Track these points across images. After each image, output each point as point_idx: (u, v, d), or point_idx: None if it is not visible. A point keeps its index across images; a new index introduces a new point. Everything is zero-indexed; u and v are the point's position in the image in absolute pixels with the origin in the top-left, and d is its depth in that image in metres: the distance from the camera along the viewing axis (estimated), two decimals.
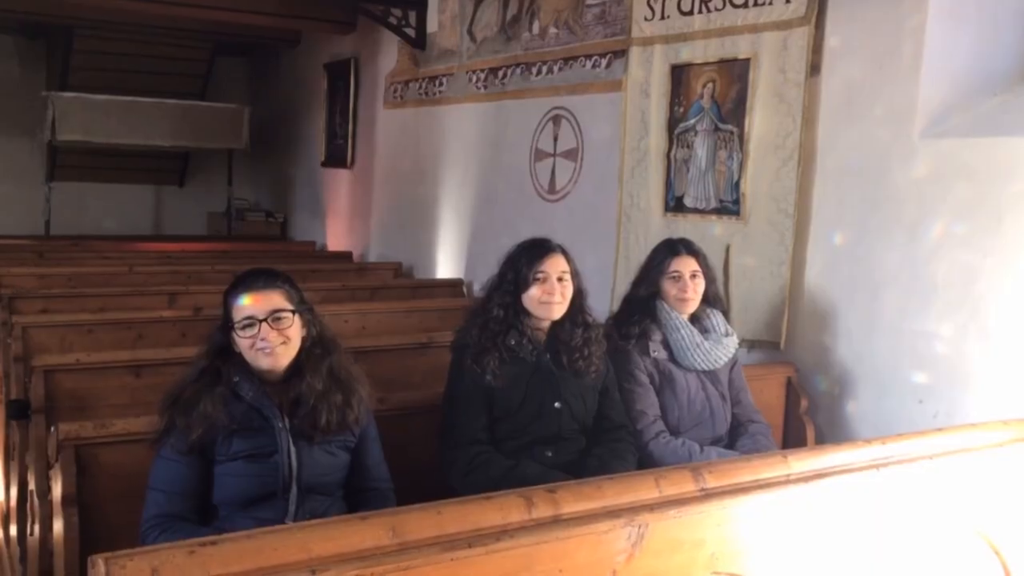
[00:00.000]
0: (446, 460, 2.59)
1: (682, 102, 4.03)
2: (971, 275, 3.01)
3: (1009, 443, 2.62)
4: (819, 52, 3.51)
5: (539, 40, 5.21)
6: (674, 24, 4.06)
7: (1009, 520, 2.62)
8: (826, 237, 3.52)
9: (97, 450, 2.34)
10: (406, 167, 6.80)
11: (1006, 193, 2.92)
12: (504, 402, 2.60)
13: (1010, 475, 2.62)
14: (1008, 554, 2.61)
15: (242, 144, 8.86)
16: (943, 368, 3.08)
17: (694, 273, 2.99)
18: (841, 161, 3.47)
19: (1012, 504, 2.63)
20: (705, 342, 2.96)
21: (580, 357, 2.65)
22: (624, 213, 4.32)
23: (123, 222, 9.50)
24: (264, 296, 2.25)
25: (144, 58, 8.87)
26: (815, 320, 3.55)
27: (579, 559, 1.84)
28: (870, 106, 3.36)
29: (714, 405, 2.97)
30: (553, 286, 2.61)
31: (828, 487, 2.20)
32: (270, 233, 9.39)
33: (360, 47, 7.58)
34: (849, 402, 3.42)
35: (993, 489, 2.57)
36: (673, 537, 1.97)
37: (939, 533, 2.44)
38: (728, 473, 2.10)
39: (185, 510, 2.18)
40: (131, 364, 3.29)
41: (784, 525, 2.13)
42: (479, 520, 1.76)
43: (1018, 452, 2.64)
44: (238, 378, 2.25)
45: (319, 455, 2.28)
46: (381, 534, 1.66)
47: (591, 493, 1.91)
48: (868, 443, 2.37)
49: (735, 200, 3.80)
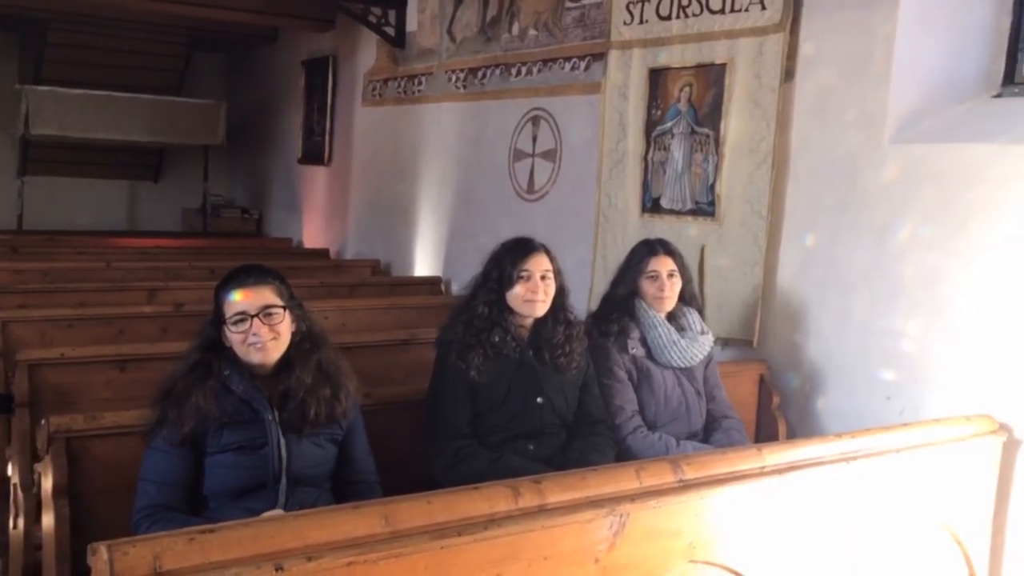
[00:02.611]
0: (431, 453, 2.65)
1: (659, 105, 4.11)
2: (937, 276, 3.09)
3: (971, 438, 2.74)
4: (793, 58, 3.59)
5: (519, 41, 5.27)
6: (652, 29, 4.14)
7: (970, 511, 2.73)
8: (798, 238, 3.60)
9: (88, 442, 2.37)
10: (384, 165, 6.83)
11: (970, 198, 3.00)
12: (488, 397, 2.66)
13: (972, 468, 2.74)
14: (969, 544, 2.73)
15: (219, 140, 8.84)
16: (909, 365, 3.17)
17: (671, 272, 3.07)
18: (813, 165, 3.55)
19: (973, 496, 2.74)
20: (681, 340, 3.04)
21: (562, 354, 2.73)
22: (602, 213, 4.40)
23: (97, 217, 9.43)
24: (255, 292, 2.30)
25: (119, 52, 8.82)
26: (787, 319, 3.64)
27: (563, 547, 1.92)
28: (842, 111, 3.44)
29: (690, 401, 3.05)
30: (537, 284, 2.69)
31: (800, 479, 2.29)
32: (246, 229, 9.36)
33: (339, 44, 7.60)
34: (819, 398, 3.51)
35: (956, 482, 2.68)
36: (653, 527, 2.05)
37: (905, 524, 2.55)
38: (705, 465, 2.19)
39: (176, 501, 2.22)
40: (116, 359, 3.31)
41: (758, 515, 2.22)
42: (468, 509, 1.83)
43: (980, 446, 2.76)
44: (229, 372, 2.30)
45: (308, 447, 2.33)
46: (374, 522, 1.73)
47: (575, 484, 1.99)
48: (838, 437, 2.47)
49: (710, 202, 3.89)
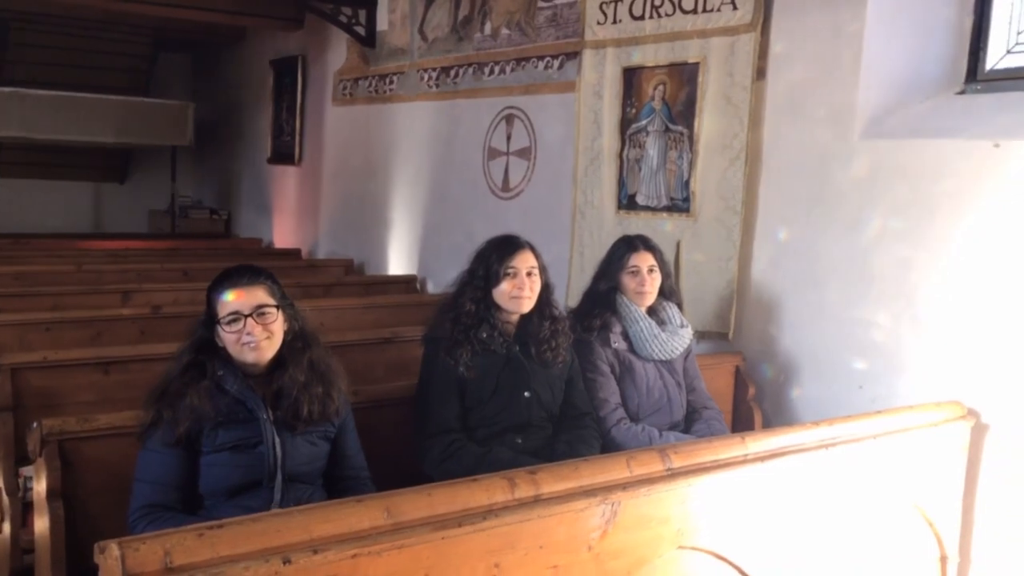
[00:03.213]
0: (421, 449, 2.69)
1: (634, 104, 4.18)
2: (906, 267, 3.19)
3: (942, 423, 2.84)
4: (764, 57, 3.67)
5: (491, 40, 5.32)
6: (626, 28, 4.21)
7: (941, 493, 2.84)
8: (771, 233, 3.69)
9: (80, 444, 2.38)
10: (356, 164, 6.84)
11: (937, 191, 3.10)
12: (476, 392, 2.71)
13: (942, 452, 2.84)
14: (940, 524, 2.83)
15: (187, 141, 8.78)
16: (880, 355, 3.27)
17: (651, 268, 3.14)
18: (785, 161, 3.63)
19: (943, 479, 2.85)
20: (662, 333, 3.11)
21: (548, 348, 2.78)
22: (578, 211, 4.46)
23: (63, 220, 9.34)
24: (248, 292, 2.32)
25: (84, 53, 8.74)
26: (761, 311, 3.72)
27: (558, 536, 1.98)
28: (812, 109, 3.52)
29: (671, 393, 3.13)
30: (523, 281, 2.74)
31: (782, 466, 2.37)
32: (214, 230, 9.31)
33: (308, 44, 7.58)
34: (794, 388, 3.60)
35: (927, 465, 2.79)
36: (643, 514, 2.11)
37: (880, 506, 2.64)
38: (692, 454, 2.26)
39: (172, 500, 2.24)
40: (99, 361, 3.32)
41: (742, 501, 2.29)
42: (467, 501, 1.88)
43: (950, 431, 2.87)
44: (222, 372, 2.32)
45: (302, 445, 2.36)
46: (377, 515, 1.77)
47: (568, 474, 2.04)
48: (817, 425, 2.56)
49: (685, 198, 3.96)
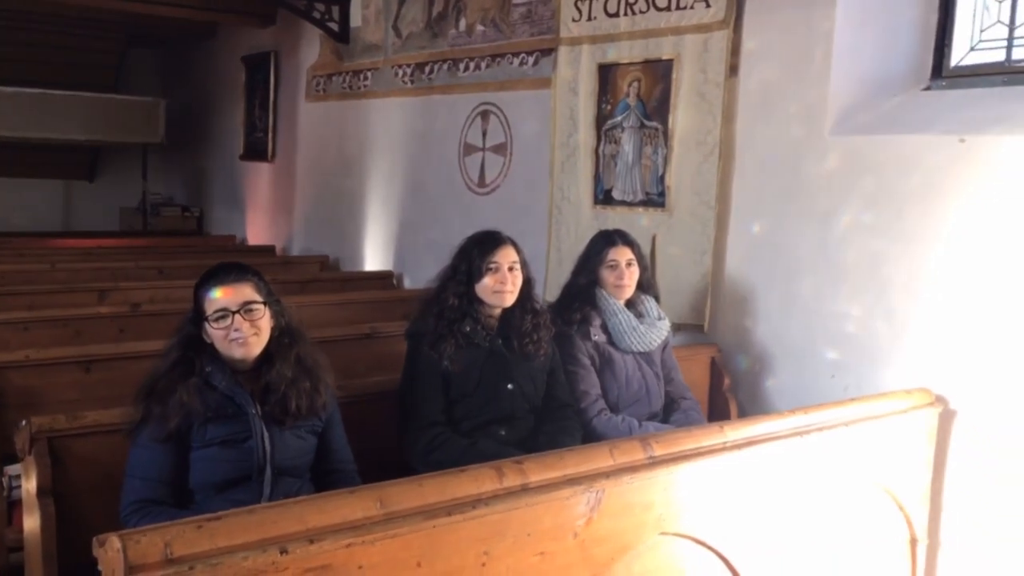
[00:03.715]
0: (406, 441, 2.74)
1: (609, 100, 4.25)
2: (877, 260, 3.28)
3: (911, 410, 2.94)
4: (737, 54, 3.75)
5: (466, 37, 5.35)
6: (601, 25, 4.26)
7: (910, 478, 2.94)
8: (745, 227, 3.77)
9: (69, 442, 2.40)
10: (330, 160, 6.85)
11: (906, 185, 3.19)
12: (460, 385, 2.76)
13: (911, 438, 2.94)
14: (909, 507, 2.93)
15: (158, 138, 8.74)
16: (852, 345, 3.36)
17: (629, 262, 3.21)
18: (758, 156, 3.71)
19: (913, 463, 2.95)
20: (640, 326, 3.18)
21: (530, 341, 2.84)
22: (555, 206, 4.52)
23: (30, 218, 9.24)
24: (235, 289, 2.35)
25: (53, 49, 8.65)
26: (736, 304, 3.80)
27: (545, 524, 2.04)
28: (784, 105, 3.60)
29: (650, 384, 3.19)
30: (505, 276, 2.79)
31: (759, 453, 2.45)
32: (186, 228, 9.28)
33: (280, 40, 7.57)
34: (768, 379, 3.68)
35: (897, 450, 2.88)
36: (626, 502, 2.17)
37: (852, 490, 2.73)
38: (672, 442, 2.33)
39: (162, 495, 2.27)
40: (80, 359, 3.32)
41: (722, 487, 2.36)
42: (456, 491, 1.93)
43: (918, 417, 2.96)
44: (210, 368, 2.35)
45: (290, 439, 2.40)
46: (370, 505, 1.82)
47: (554, 464, 2.10)
48: (792, 413, 2.64)
49: (660, 193, 4.03)
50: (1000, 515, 2.92)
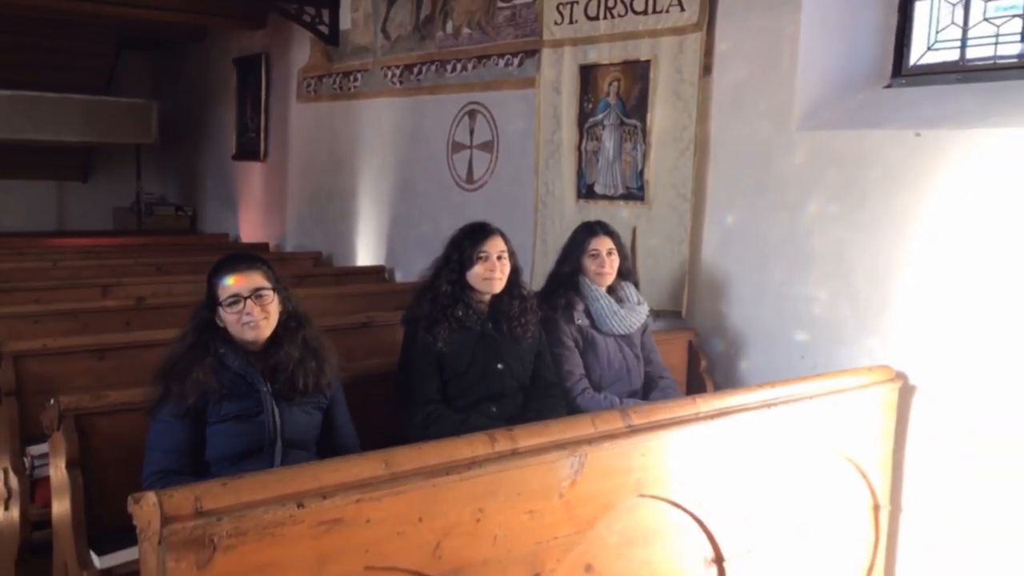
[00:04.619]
0: (404, 418, 2.94)
1: (591, 99, 4.46)
2: (841, 247, 3.49)
3: (872, 385, 3.15)
4: (710, 55, 3.95)
5: (453, 39, 5.55)
6: (582, 28, 4.48)
7: (873, 449, 3.15)
8: (719, 218, 3.97)
9: (94, 419, 2.59)
10: (322, 159, 7.02)
11: (869, 178, 3.39)
12: (454, 365, 2.97)
13: (874, 411, 3.15)
14: (872, 475, 3.15)
15: (151, 139, 8.88)
16: (820, 327, 3.57)
17: (610, 251, 3.42)
18: (731, 151, 3.91)
19: (875, 436, 3.16)
20: (621, 310, 3.39)
21: (518, 324, 3.05)
22: (540, 200, 4.73)
23: (25, 219, 9.37)
24: (247, 276, 2.55)
25: (46, 52, 8.76)
26: (711, 290, 4.01)
27: (533, 484, 2.24)
28: (755, 103, 3.81)
29: (630, 364, 3.41)
30: (494, 264, 3.00)
31: (730, 423, 2.66)
32: (179, 227, 9.42)
33: (271, 43, 7.73)
34: (742, 360, 3.89)
35: (860, 423, 3.09)
36: (607, 466, 2.38)
37: (819, 460, 2.95)
38: (650, 413, 2.54)
39: (181, 466, 2.46)
40: (94, 348, 3.51)
41: (695, 454, 2.58)
42: (453, 454, 2.14)
43: (880, 392, 3.18)
44: (224, 350, 2.54)
45: (298, 415, 2.60)
46: (377, 466, 2.02)
47: (541, 431, 2.31)
48: (760, 387, 2.84)
49: (640, 187, 4.25)
50: (956, 481, 3.13)
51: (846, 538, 3.11)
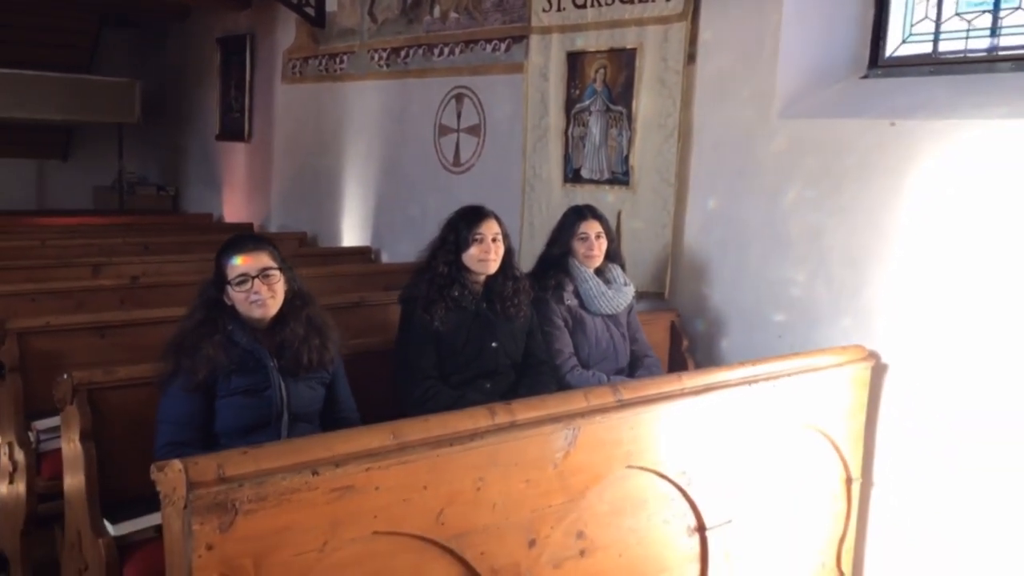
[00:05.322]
0: (402, 394, 3.06)
1: (578, 85, 4.57)
2: (818, 231, 3.63)
3: (846, 363, 3.30)
4: (695, 44, 4.07)
5: (440, 23, 5.62)
6: (569, 15, 4.58)
7: (846, 424, 3.31)
8: (702, 202, 4.10)
9: (105, 393, 2.69)
10: (308, 140, 7.05)
11: (845, 164, 3.53)
12: (450, 343, 3.09)
13: (847, 388, 3.31)
14: (845, 451, 3.31)
15: (134, 118, 8.83)
16: (797, 308, 3.71)
17: (599, 234, 3.54)
18: (714, 137, 4.04)
19: (848, 412, 3.32)
20: (608, 291, 3.52)
21: (511, 304, 3.18)
22: (528, 184, 4.84)
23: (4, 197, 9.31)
24: (254, 256, 2.65)
25: (26, 29, 8.68)
26: (694, 272, 4.14)
27: (529, 455, 2.38)
28: (737, 91, 3.93)
29: (617, 343, 3.55)
30: (489, 246, 3.12)
31: (713, 399, 2.80)
32: (161, 207, 9.42)
33: (256, 23, 7.73)
34: (722, 340, 4.04)
35: (835, 399, 3.25)
36: (599, 438, 2.52)
37: (795, 434, 3.10)
38: (638, 389, 2.67)
39: (192, 438, 2.57)
40: (95, 325, 3.59)
41: (680, 428, 2.72)
42: (456, 426, 2.27)
43: (853, 370, 3.33)
44: (232, 327, 2.65)
45: (303, 389, 2.71)
46: (385, 437, 2.14)
47: (538, 405, 2.44)
48: (742, 365, 2.99)
49: (625, 172, 4.37)
50: (924, 455, 3.30)
51: (820, 509, 3.26)
